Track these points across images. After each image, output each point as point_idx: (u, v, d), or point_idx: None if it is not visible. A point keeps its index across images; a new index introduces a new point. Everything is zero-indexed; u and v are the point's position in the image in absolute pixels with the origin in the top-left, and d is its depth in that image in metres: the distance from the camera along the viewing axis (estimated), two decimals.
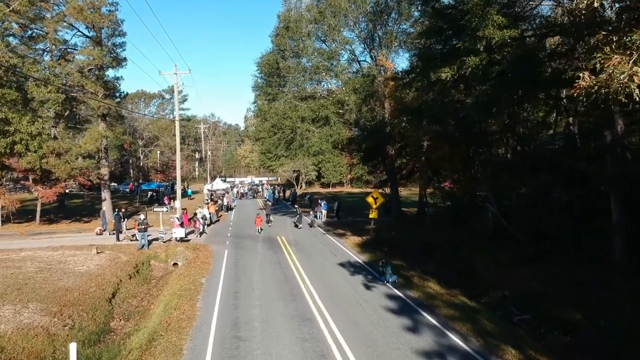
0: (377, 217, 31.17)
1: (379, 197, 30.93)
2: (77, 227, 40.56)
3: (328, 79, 35.26)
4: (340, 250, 28.74)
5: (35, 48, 41.29)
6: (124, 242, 31.45)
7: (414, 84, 25.80)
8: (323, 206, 44.45)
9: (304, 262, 25.14)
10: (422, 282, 21.05)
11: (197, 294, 19.41)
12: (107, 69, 43.99)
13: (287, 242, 31.22)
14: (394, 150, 39.18)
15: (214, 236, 34.92)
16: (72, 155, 39.47)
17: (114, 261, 26.33)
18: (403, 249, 29.27)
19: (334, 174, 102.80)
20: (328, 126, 34.17)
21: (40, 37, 41.05)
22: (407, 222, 39.19)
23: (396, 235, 33.44)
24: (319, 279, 21.33)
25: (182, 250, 29.74)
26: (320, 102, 34.18)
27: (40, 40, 41.66)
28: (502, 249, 23.46)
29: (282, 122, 34.20)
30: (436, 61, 20.78)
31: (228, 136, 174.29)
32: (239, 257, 26.97)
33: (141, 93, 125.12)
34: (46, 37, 40.97)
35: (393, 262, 23.81)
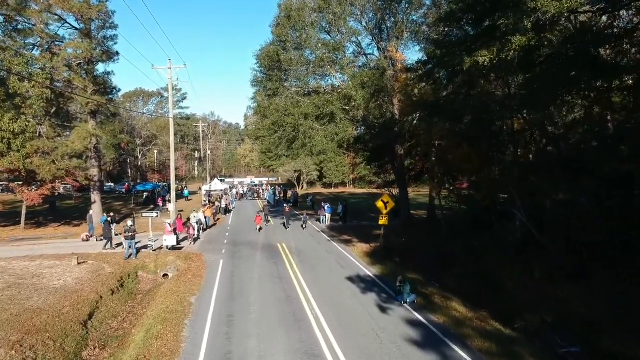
0: (387, 223, 28.36)
1: (389, 201, 28.15)
2: (64, 232, 37.88)
3: (333, 73, 32.43)
4: (348, 261, 25.97)
5: (25, 42, 38.55)
6: (117, 250, 28.66)
7: (433, 75, 22.99)
8: (327, 209, 41.68)
9: (308, 275, 22.38)
10: (445, 303, 18.28)
11: (185, 318, 16.64)
12: (97, 63, 41.20)
13: (289, 251, 28.47)
14: (404, 149, 36.39)
15: (209, 243, 32.18)
16: (58, 155, 36.65)
17: (96, 273, 23.59)
18: (416, 259, 26.58)
19: (337, 174, 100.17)
20: (333, 124, 31.34)
21: (28, 31, 38.30)
22: (418, 227, 36.43)
23: (407, 243, 30.71)
24: (326, 299, 18.56)
25: (173, 259, 26.98)
26: (325, 97, 31.37)
27: (29, 34, 38.92)
28: (534, 263, 20.69)
29: (283, 119, 31.39)
30: (467, 45, 17.89)
31: (228, 135, 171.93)
32: (236, 268, 24.21)
33: (139, 91, 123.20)
34: (33, 29, 38.22)
35: (407, 276, 21.15)
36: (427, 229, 35.88)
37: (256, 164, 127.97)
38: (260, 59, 34.05)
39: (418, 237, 32.59)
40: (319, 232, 36.46)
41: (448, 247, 26.84)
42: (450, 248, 26.81)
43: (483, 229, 26.67)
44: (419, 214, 42.97)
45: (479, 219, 27.10)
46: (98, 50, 39.54)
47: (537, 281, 19.32)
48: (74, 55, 37.70)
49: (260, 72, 34.81)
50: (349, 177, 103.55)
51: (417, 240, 31.50)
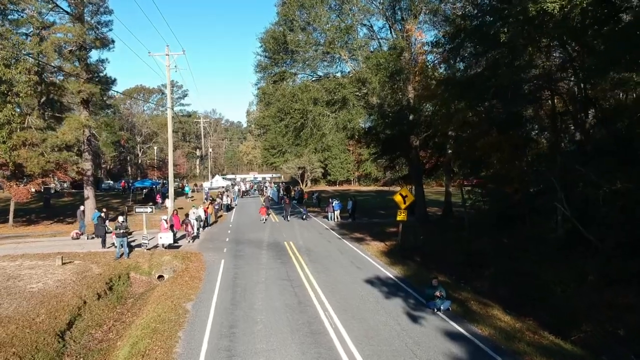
0: (406, 219, 25.62)
1: (408, 195, 25.43)
2: (54, 230, 35.32)
3: (344, 56, 29.62)
4: (364, 261, 23.24)
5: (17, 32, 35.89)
6: (109, 249, 25.99)
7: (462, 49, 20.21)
8: (335, 206, 38.97)
9: (321, 277, 19.67)
10: (485, 310, 15.56)
11: (179, 329, 13.93)
12: (90, 50, 38.56)
13: (297, 250, 25.78)
14: (419, 140, 33.65)
15: (210, 241, 29.50)
16: (46, 146, 33.97)
17: (81, 275, 20.93)
18: (440, 259, 23.89)
19: (341, 171, 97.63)
20: (345, 110, 28.55)
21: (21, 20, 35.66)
22: (435, 224, 33.69)
23: (426, 241, 27.99)
24: (345, 305, 15.85)
25: (169, 259, 24.33)
26: (337, 80, 28.61)
27: (22, 24, 36.27)
28: (584, 263, 17.94)
29: (290, 106, 28.61)
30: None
31: (230, 133, 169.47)
32: (238, 269, 21.51)
33: (140, 88, 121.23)
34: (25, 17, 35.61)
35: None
36: (445, 226, 33.20)
37: (259, 161, 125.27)
38: (264, 42, 31.28)
39: (437, 234, 29.89)
40: (328, 230, 33.76)
41: (476, 247, 24.11)
42: (478, 247, 24.10)
43: (512, 225, 23.90)
44: (432, 211, 40.27)
45: (508, 214, 24.33)
46: (91, 36, 36.94)
47: (591, 285, 16.59)
48: (64, 39, 35.01)
49: (264, 57, 32.03)
50: (354, 175, 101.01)
51: (436, 238, 28.79)
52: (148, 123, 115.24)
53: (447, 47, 22.03)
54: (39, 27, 35.81)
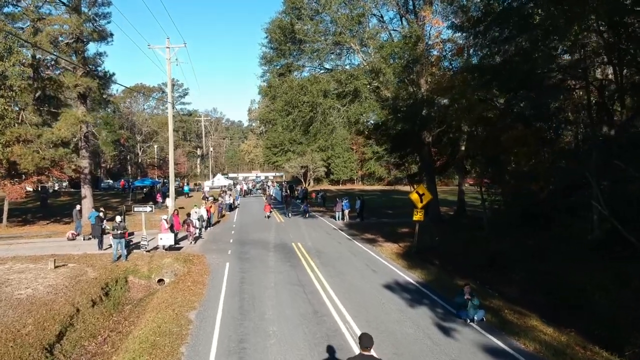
0: (423, 219, 23.99)
1: (425, 193, 23.77)
2: (50, 230, 33.68)
3: (354, 46, 27.97)
4: (379, 264, 21.63)
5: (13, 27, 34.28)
6: (107, 250, 24.41)
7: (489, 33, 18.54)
8: (344, 205, 37.36)
9: (335, 282, 18.06)
10: (522, 320, 13.94)
11: (181, 343, 12.33)
12: (87, 43, 37.04)
13: (307, 252, 24.19)
14: (432, 136, 32.06)
15: (213, 242, 27.91)
16: (41, 143, 32.37)
17: (75, 279, 19.34)
18: (459, 262, 22.29)
19: (344, 170, 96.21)
20: (357, 102, 26.91)
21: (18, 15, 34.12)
22: (449, 224, 32.08)
23: (442, 242, 26.41)
24: (366, 315, 14.24)
25: (170, 262, 22.72)
26: (349, 71, 26.96)
27: (18, 18, 34.69)
28: (621, 266, 16.34)
29: (298, 98, 26.97)
30: None
31: (231, 132, 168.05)
32: (245, 273, 19.92)
33: (140, 87, 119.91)
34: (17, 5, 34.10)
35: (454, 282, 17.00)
36: (459, 226, 31.63)
37: (260, 160, 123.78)
38: (270, 33, 29.62)
39: (451, 235, 28.31)
40: (337, 230, 32.16)
41: (498, 248, 22.51)
42: (497, 248, 22.50)
43: (537, 225, 22.27)
44: (443, 210, 38.67)
45: (532, 213, 22.69)
46: (88, 27, 35.40)
47: (635, 290, 14.99)
48: (60, 31, 33.41)
49: (270, 48, 30.38)
50: (357, 174, 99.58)
51: (451, 238, 27.21)
52: (148, 122, 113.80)
53: (473, 31, 20.37)
54: (34, 20, 34.21)
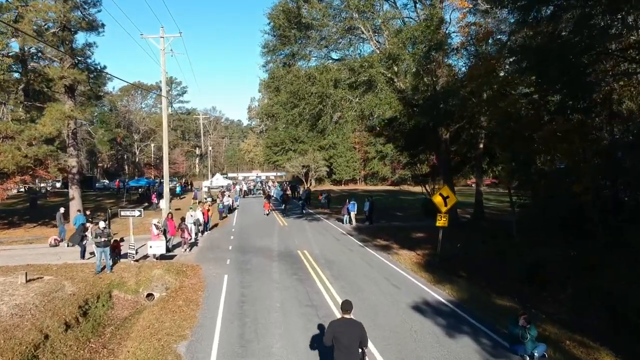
0: (447, 225, 21.22)
1: (450, 195, 21.02)
2: (35, 234, 31.00)
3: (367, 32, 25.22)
4: (400, 277, 18.84)
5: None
6: (90, 259, 21.63)
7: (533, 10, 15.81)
8: (350, 207, 34.60)
9: (354, 302, 15.12)
10: (591, 356, 11.21)
11: None
12: (75, 32, 34.23)
13: (315, 261, 21.43)
14: (450, 133, 29.34)
15: (210, 250, 25.15)
16: (23, 140, 29.56)
17: (48, 297, 16.57)
18: (489, 274, 19.51)
19: (347, 170, 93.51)
20: (372, 93, 24.11)
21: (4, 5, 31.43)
22: (468, 229, 29.27)
23: (465, 250, 23.66)
24: (397, 348, 11.44)
25: (160, 273, 19.92)
26: (363, 58, 24.14)
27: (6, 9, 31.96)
28: None
29: (305, 89, 24.20)
30: None
31: (230, 131, 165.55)
32: (246, 289, 17.15)
33: (138, 84, 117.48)
34: None
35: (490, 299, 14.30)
36: (479, 231, 28.87)
37: (260, 160, 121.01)
38: (273, 18, 26.80)
39: (474, 241, 25.54)
40: (346, 235, 29.40)
41: (528, 256, 19.75)
42: (532, 258, 19.74)
43: (582, 233, 19.47)
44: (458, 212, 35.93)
45: (574, 218, 19.88)
46: (76, 15, 32.62)
47: None
48: (44, 17, 30.59)
49: (273, 35, 27.53)
50: (360, 174, 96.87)
51: (475, 245, 24.44)
52: (146, 120, 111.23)
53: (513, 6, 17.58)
54: (17, 7, 31.43)
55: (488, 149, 32.68)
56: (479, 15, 25.20)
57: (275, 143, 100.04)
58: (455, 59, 28.25)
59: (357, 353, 8.46)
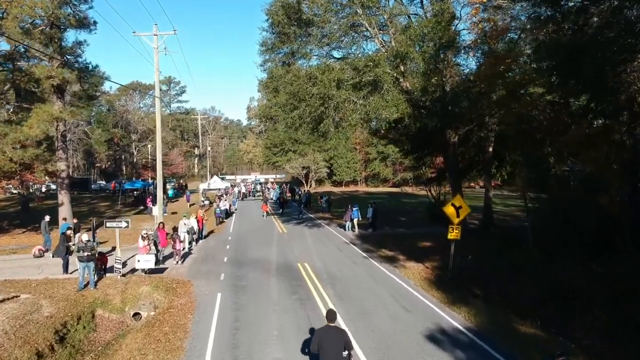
0: (459, 237, 19.60)
1: (463, 206, 19.41)
2: (20, 242, 29.37)
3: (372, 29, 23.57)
4: (410, 297, 17.16)
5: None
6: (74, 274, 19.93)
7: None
8: (354, 213, 32.95)
9: (360, 329, 13.63)
10: None
11: None
12: (64, 30, 32.64)
13: (316, 276, 19.80)
14: (459, 136, 27.73)
15: (203, 262, 23.51)
16: (7, 143, 27.90)
17: (21, 319, 14.98)
18: (506, 292, 17.86)
19: (347, 171, 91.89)
20: (378, 94, 22.42)
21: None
22: (477, 238, 27.60)
23: (477, 261, 22.03)
24: None
25: (148, 291, 18.32)
26: (369, 57, 22.45)
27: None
28: None
29: (306, 90, 22.53)
30: None
31: (229, 131, 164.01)
32: (240, 311, 15.49)
33: (136, 84, 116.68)
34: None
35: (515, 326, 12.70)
36: (489, 240, 27.26)
37: (260, 160, 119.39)
38: (271, 15, 25.13)
39: (485, 251, 23.91)
40: (349, 245, 27.77)
41: (551, 274, 18.12)
42: (555, 275, 18.11)
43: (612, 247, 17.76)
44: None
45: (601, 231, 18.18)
46: (65, 12, 30.99)
47: None
48: (30, 14, 28.93)
49: (271, 33, 25.86)
50: (361, 175, 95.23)
51: (486, 257, 22.80)
52: (144, 120, 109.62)
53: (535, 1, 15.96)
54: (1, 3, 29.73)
55: (497, 152, 31.16)
56: (491, 11, 23.56)
57: (274, 144, 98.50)
58: (464, 57, 26.53)
59: (342, 358, 8.97)
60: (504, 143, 27.35)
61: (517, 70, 21.12)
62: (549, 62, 16.42)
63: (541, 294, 17.08)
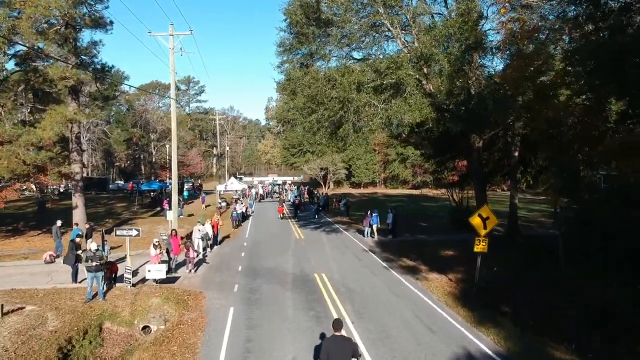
0: (486, 250, 18.46)
1: (491, 217, 18.26)
2: (33, 246, 28.92)
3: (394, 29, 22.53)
4: (434, 315, 16.06)
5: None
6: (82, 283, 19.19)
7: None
8: (373, 219, 31.89)
9: (381, 353, 12.61)
10: None
11: None
12: (80, 30, 32.08)
13: (334, 290, 18.82)
14: (484, 141, 26.56)
15: (217, 270, 22.69)
16: (20, 145, 27.41)
17: (24, 336, 14.24)
18: (537, 310, 16.65)
19: (366, 173, 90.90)
20: (401, 98, 21.34)
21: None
22: (503, 247, 26.30)
23: (504, 274, 20.83)
24: None
25: (159, 303, 17.51)
26: (390, 58, 21.38)
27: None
28: None
29: (324, 93, 21.56)
30: None
31: (248, 131, 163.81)
32: (254, 330, 14.56)
33: (156, 83, 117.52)
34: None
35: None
36: (515, 250, 26.02)
37: (277, 161, 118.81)
38: (289, 14, 24.20)
39: (511, 263, 22.65)
40: (367, 253, 26.77)
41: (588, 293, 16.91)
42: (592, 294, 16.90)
43: None
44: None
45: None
46: (80, 12, 30.44)
47: None
48: (44, 14, 28.37)
49: (289, 33, 24.93)
50: (380, 176, 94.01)
51: (515, 271, 21.54)
52: (163, 120, 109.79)
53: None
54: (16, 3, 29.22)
55: (523, 156, 29.94)
56: (519, 10, 22.37)
57: (292, 144, 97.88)
58: (489, 58, 25.36)
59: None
60: (531, 147, 26.07)
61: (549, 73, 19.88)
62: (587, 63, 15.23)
63: (576, 314, 15.90)
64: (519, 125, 26.37)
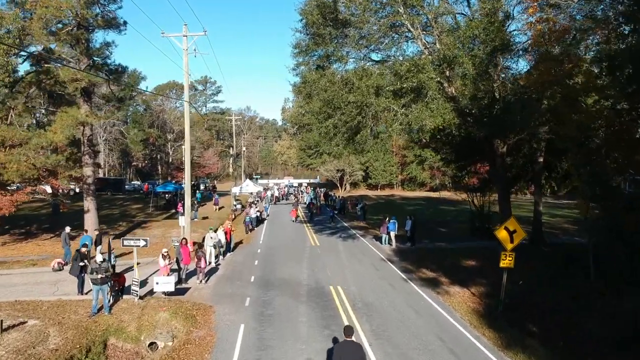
0: (512, 266, 17.30)
1: (518, 230, 17.08)
2: (43, 252, 28.44)
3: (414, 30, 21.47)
4: (458, 337, 14.93)
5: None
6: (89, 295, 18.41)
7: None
8: (391, 226, 30.81)
9: None
10: None
11: None
12: (92, 31, 31.45)
13: (351, 305, 17.83)
14: (508, 146, 25.39)
15: (229, 281, 21.81)
16: (30, 148, 26.83)
17: (22, 354, 13.46)
18: (566, 329, 15.51)
19: (383, 175, 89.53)
20: (422, 102, 20.25)
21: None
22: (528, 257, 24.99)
23: (531, 289, 19.66)
24: None
25: (166, 318, 16.67)
26: (411, 61, 20.28)
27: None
28: None
29: (341, 97, 20.59)
30: None
31: (264, 131, 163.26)
32: (265, 352, 13.59)
33: (173, 84, 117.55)
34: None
35: None
36: (540, 259, 24.85)
37: (294, 162, 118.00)
38: (305, 15, 23.24)
39: (539, 277, 21.43)
40: (386, 262, 25.73)
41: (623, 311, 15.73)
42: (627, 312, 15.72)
43: None
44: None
45: None
46: (92, 12, 29.80)
47: None
48: (55, 14, 27.74)
49: (305, 34, 23.98)
50: (397, 178, 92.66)
51: (541, 285, 20.35)
52: (180, 120, 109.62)
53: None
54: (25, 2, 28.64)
55: (548, 162, 28.73)
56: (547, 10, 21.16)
57: (309, 146, 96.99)
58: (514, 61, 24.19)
59: None
60: (556, 153, 24.86)
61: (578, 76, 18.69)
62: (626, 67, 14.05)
63: (615, 334, 14.73)
64: (544, 130, 25.16)
